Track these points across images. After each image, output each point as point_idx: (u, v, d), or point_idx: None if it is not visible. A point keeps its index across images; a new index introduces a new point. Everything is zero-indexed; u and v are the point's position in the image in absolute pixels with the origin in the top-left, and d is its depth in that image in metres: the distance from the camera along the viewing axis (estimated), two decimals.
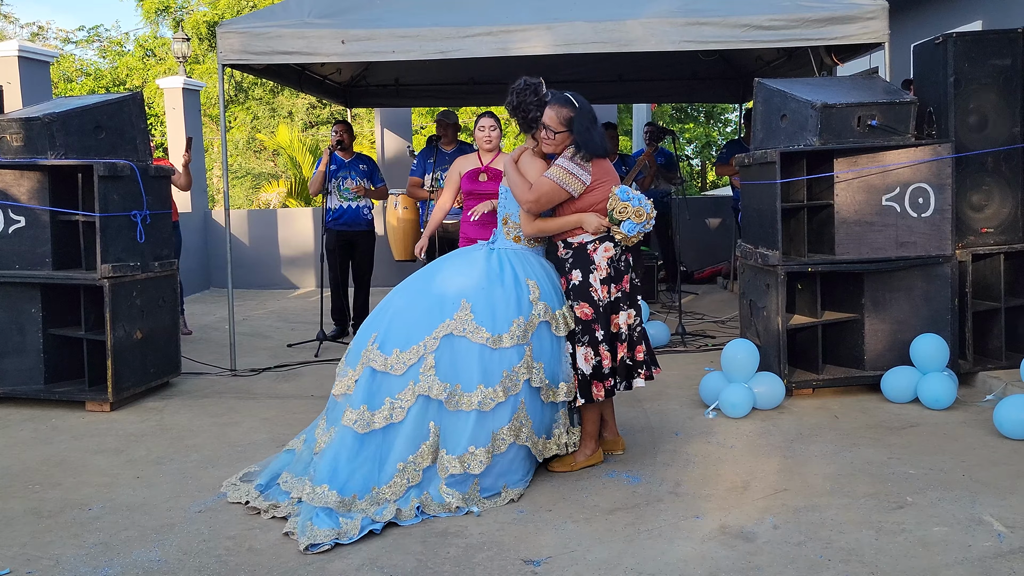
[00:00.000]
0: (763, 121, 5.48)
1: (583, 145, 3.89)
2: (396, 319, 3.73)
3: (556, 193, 3.88)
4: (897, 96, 5.17)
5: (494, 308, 3.71)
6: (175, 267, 5.78)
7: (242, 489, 3.77)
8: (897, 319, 5.17)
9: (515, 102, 4.07)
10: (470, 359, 3.64)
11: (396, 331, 3.69)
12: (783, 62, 7.91)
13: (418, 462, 3.57)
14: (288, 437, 4.59)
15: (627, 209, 3.83)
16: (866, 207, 5.09)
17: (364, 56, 6.01)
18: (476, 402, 3.60)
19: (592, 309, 3.90)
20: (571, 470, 3.98)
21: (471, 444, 3.59)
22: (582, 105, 3.93)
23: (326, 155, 7.23)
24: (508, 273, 3.85)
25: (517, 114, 4.08)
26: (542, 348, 3.80)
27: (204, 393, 5.64)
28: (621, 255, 4.00)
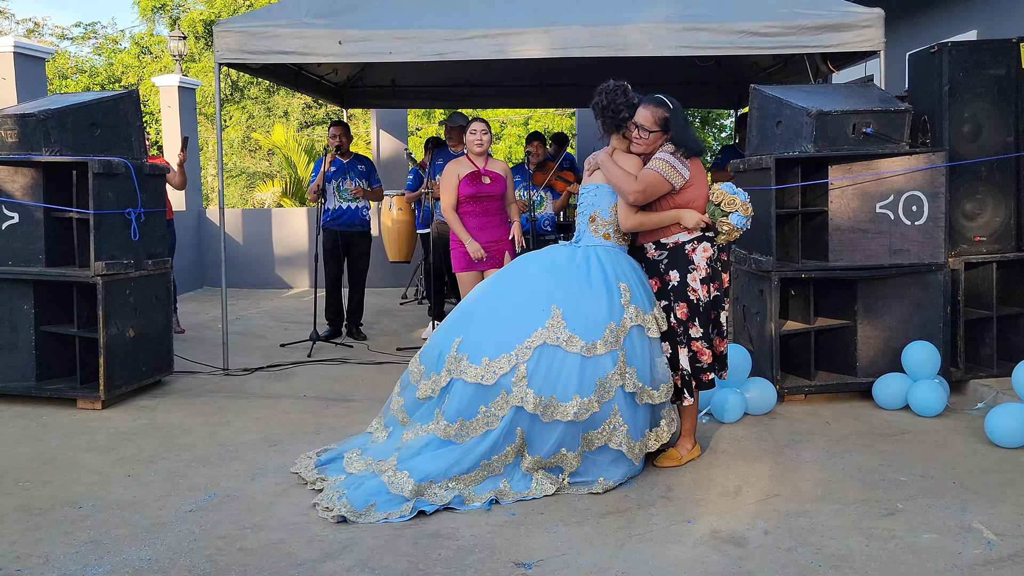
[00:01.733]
0: (758, 127, 5.49)
1: (681, 143, 3.97)
2: (482, 326, 3.75)
3: (660, 184, 3.94)
4: (892, 104, 5.19)
5: (586, 314, 3.71)
6: (169, 265, 5.76)
7: (302, 464, 3.97)
8: (890, 326, 5.18)
9: (605, 102, 4.08)
10: (565, 369, 3.66)
11: (484, 339, 3.71)
12: (779, 69, 7.93)
13: (501, 459, 3.66)
14: (281, 437, 4.59)
15: (735, 201, 3.90)
16: (860, 214, 5.11)
17: (361, 57, 6.01)
18: (572, 413, 3.63)
19: (690, 309, 3.98)
20: (678, 464, 4.06)
21: (561, 447, 3.68)
22: (675, 106, 4.04)
23: (327, 160, 7.25)
24: (597, 274, 3.85)
25: (607, 114, 4.09)
26: (634, 352, 3.80)
27: (196, 392, 5.63)
28: (717, 255, 4.09)
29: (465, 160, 5.87)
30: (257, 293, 10.78)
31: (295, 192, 16.39)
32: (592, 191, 4.11)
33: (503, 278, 3.98)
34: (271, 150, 20.92)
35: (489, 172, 5.80)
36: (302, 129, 22.11)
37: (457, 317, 3.91)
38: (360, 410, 5.15)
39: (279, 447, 4.44)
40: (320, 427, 4.80)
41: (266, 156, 23.26)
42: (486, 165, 5.82)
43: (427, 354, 3.90)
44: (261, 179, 21.28)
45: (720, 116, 23.13)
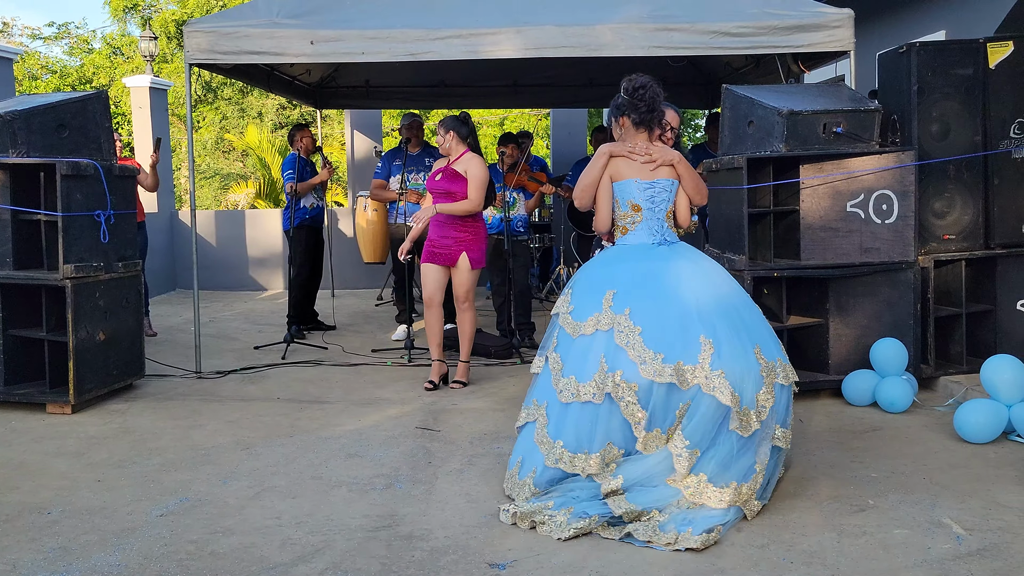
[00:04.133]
0: (730, 127, 5.52)
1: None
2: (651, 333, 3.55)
3: None
4: (862, 104, 5.23)
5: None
6: (139, 268, 5.71)
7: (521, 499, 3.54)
8: (861, 324, 5.23)
9: (651, 95, 4.04)
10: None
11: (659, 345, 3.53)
12: (751, 69, 7.98)
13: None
14: (253, 440, 4.56)
15: None
16: (831, 213, 5.15)
17: (333, 57, 5.98)
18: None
19: None
20: None
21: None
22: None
23: (325, 173, 7.51)
24: (736, 289, 3.77)
25: (654, 108, 4.05)
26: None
27: (168, 395, 5.58)
28: None
29: (443, 161, 5.89)
30: (231, 295, 10.70)
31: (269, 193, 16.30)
32: (668, 187, 3.99)
33: (653, 278, 3.73)
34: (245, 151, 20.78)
35: (448, 170, 5.79)
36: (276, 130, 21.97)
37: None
38: (335, 412, 5.13)
39: (252, 450, 4.41)
40: (294, 429, 4.77)
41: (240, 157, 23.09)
42: (453, 162, 5.81)
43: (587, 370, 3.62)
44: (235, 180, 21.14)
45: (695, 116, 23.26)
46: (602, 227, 4.05)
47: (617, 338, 3.51)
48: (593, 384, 3.50)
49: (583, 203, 4.03)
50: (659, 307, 3.57)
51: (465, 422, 4.89)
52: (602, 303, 3.61)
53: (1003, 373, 4.44)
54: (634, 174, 4.00)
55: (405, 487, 3.86)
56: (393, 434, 4.67)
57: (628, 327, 3.52)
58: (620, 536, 3.27)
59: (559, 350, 3.68)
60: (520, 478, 3.62)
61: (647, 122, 4.02)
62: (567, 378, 3.57)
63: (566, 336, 3.68)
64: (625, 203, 4.03)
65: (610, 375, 3.47)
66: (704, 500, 3.40)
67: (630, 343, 3.49)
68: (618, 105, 4.09)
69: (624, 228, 4.00)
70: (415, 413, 5.09)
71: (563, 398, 3.55)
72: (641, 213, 3.97)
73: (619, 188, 4.03)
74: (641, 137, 4.04)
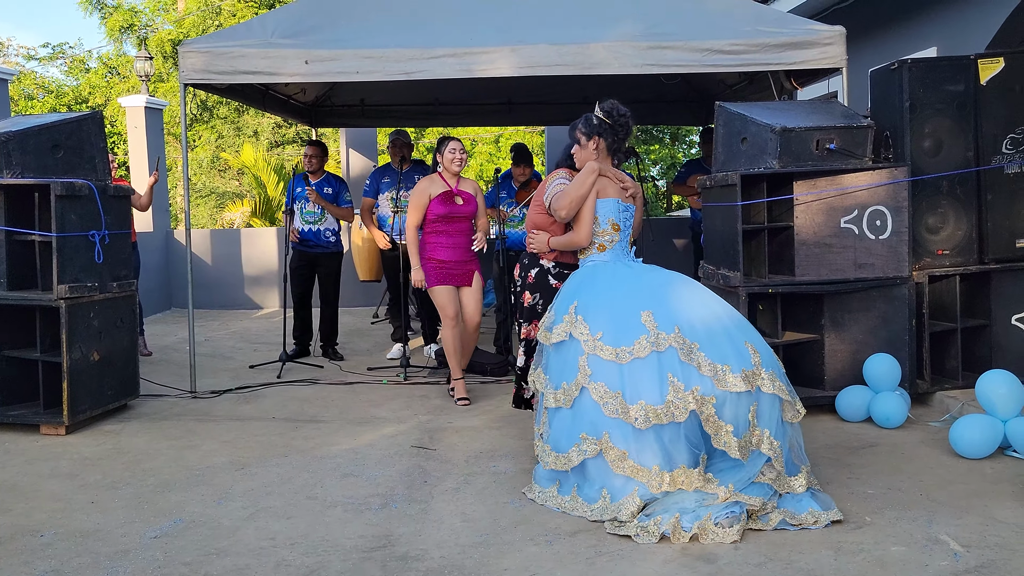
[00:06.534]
0: (724, 144, 5.54)
1: None
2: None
3: None
4: (855, 120, 5.25)
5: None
6: (134, 287, 5.70)
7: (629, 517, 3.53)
8: (856, 339, 5.23)
9: (630, 126, 4.31)
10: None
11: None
12: (744, 86, 8.01)
13: None
14: (248, 460, 4.53)
15: None
16: (825, 229, 5.16)
17: (328, 76, 5.99)
18: None
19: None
20: None
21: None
22: None
23: (314, 198, 7.28)
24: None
25: (627, 138, 4.32)
26: None
27: (163, 416, 5.56)
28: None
29: (438, 179, 5.87)
30: (226, 314, 10.68)
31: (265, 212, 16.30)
32: (632, 215, 4.33)
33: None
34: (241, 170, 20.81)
35: (462, 192, 5.81)
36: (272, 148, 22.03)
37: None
38: (330, 431, 5.11)
39: (246, 470, 4.38)
40: (289, 449, 4.75)
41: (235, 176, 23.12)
42: (458, 185, 5.83)
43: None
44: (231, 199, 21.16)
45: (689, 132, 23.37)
46: (583, 241, 4.24)
47: (682, 355, 3.61)
48: (671, 404, 3.55)
49: (568, 215, 4.19)
50: (702, 320, 3.72)
51: (461, 441, 4.87)
52: (645, 325, 3.67)
53: (998, 388, 4.44)
54: (616, 194, 4.26)
55: (401, 507, 3.84)
56: (389, 453, 4.65)
57: (686, 344, 3.63)
58: (775, 526, 3.45)
59: (599, 378, 3.67)
60: (616, 500, 3.59)
61: (620, 149, 4.25)
62: (635, 404, 3.58)
63: (604, 363, 3.68)
64: (606, 221, 4.14)
65: (688, 392, 3.55)
66: (788, 489, 3.62)
67: (694, 359, 3.61)
68: (596, 126, 4.24)
69: (602, 245, 4.17)
70: (411, 432, 5.08)
71: (639, 424, 3.56)
72: (619, 233, 4.18)
73: (602, 206, 4.17)
74: (609, 161, 4.23)
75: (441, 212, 5.76)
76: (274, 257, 11.09)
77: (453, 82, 6.43)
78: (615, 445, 3.60)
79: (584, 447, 3.68)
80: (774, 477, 3.61)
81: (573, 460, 3.71)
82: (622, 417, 3.58)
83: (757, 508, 3.48)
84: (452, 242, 5.77)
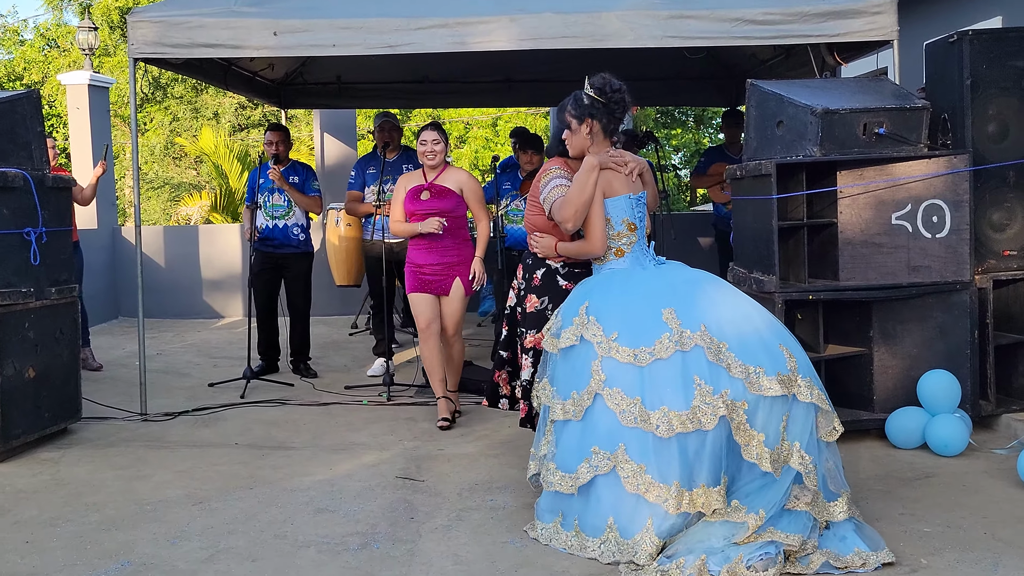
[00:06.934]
0: (757, 128, 5.55)
1: None
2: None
3: None
4: (908, 101, 5.26)
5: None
6: (76, 294, 5.70)
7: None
8: (910, 354, 5.23)
9: (626, 102, 4.24)
10: None
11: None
12: (780, 61, 8.03)
13: None
14: (207, 493, 4.53)
15: None
16: (873, 226, 5.16)
17: (300, 50, 6.00)
18: None
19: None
20: None
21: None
22: None
23: (276, 176, 7.24)
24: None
25: (623, 116, 4.27)
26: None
27: (108, 441, 5.55)
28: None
29: (419, 172, 5.89)
30: (182, 324, 10.68)
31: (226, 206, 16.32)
32: (644, 200, 4.28)
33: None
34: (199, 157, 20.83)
35: (435, 187, 5.81)
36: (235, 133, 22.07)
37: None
38: (302, 459, 5.11)
39: (205, 505, 4.38)
40: (255, 480, 4.75)
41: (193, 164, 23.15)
42: (437, 178, 5.83)
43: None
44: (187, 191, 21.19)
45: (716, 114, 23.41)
46: (599, 249, 4.15)
47: (709, 355, 3.63)
48: (698, 410, 3.56)
49: (576, 226, 4.11)
50: (731, 321, 3.74)
51: (453, 470, 4.87)
52: (667, 323, 3.69)
53: None
54: (625, 188, 4.17)
55: (383, 547, 3.84)
56: (370, 485, 4.64)
57: (714, 343, 3.65)
58: (817, 569, 3.46)
59: (615, 384, 3.68)
60: (628, 537, 3.59)
61: (619, 129, 4.20)
62: (657, 411, 3.58)
63: (620, 367, 3.69)
64: (620, 222, 4.11)
65: (717, 396, 3.56)
66: (827, 516, 3.63)
67: (723, 359, 3.62)
68: (588, 106, 4.19)
69: (620, 250, 4.11)
70: (395, 460, 5.07)
71: (662, 432, 3.56)
72: (636, 232, 4.14)
73: (612, 206, 4.12)
74: (607, 145, 4.17)
75: (409, 209, 5.80)
76: (237, 258, 11.09)
77: (444, 57, 6.42)
78: (631, 459, 3.60)
79: (595, 462, 3.67)
80: (810, 501, 3.61)
81: (582, 477, 3.70)
82: (641, 426, 3.59)
83: (795, 548, 3.48)
84: (427, 243, 5.78)
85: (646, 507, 3.57)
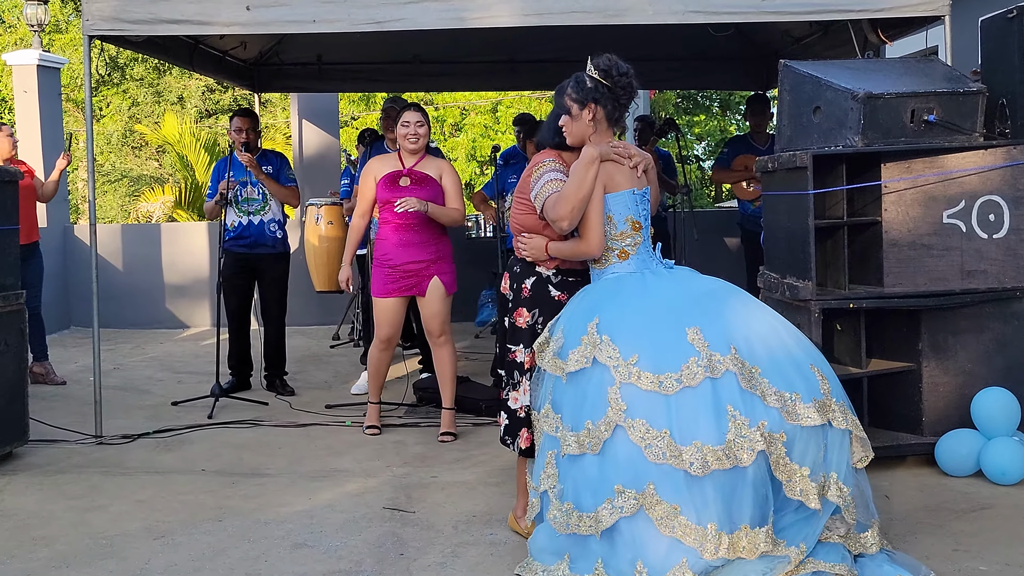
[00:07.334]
0: (791, 115, 5.55)
1: None
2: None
3: None
4: (961, 84, 5.25)
5: None
6: (22, 301, 5.70)
7: None
8: (964, 370, 5.22)
9: (634, 87, 4.22)
10: None
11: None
12: (817, 39, 8.03)
13: None
14: (171, 526, 4.53)
15: None
16: (922, 225, 5.16)
17: (276, 27, 6.02)
18: None
19: None
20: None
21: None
22: None
23: (248, 161, 7.19)
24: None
25: (629, 104, 4.26)
26: None
27: (59, 467, 5.55)
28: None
29: (393, 157, 5.91)
30: (143, 334, 10.69)
31: (192, 202, 16.35)
32: (648, 197, 4.28)
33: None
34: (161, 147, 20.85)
35: (415, 173, 5.82)
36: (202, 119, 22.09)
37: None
38: (277, 488, 5.11)
39: (168, 539, 4.38)
40: (224, 511, 4.75)
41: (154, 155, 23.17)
42: (416, 164, 5.84)
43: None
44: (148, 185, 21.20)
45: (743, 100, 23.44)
46: (595, 251, 4.12)
47: (743, 382, 3.61)
48: (733, 444, 3.53)
49: (572, 224, 4.08)
50: (761, 339, 3.75)
51: (448, 500, 4.87)
52: (693, 345, 3.67)
53: None
54: (629, 184, 4.14)
55: None
56: (354, 517, 4.64)
57: (746, 368, 3.65)
58: None
59: (637, 414, 3.63)
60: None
61: (624, 118, 4.21)
62: (689, 446, 3.55)
63: (643, 395, 3.65)
64: (623, 220, 4.10)
65: (754, 429, 3.55)
66: (860, 548, 3.72)
67: (756, 386, 3.62)
68: (592, 89, 4.18)
69: (623, 252, 4.09)
70: (382, 489, 5.07)
71: (696, 470, 3.52)
72: (641, 232, 4.12)
73: (615, 202, 4.10)
74: (609, 136, 4.20)
75: (385, 198, 5.80)
76: (204, 260, 11.10)
77: (438, 34, 6.42)
78: (663, 499, 3.56)
79: (619, 502, 3.61)
80: (844, 534, 3.62)
81: (604, 521, 3.63)
82: (672, 462, 3.55)
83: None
84: (401, 238, 5.81)
85: (680, 549, 3.54)
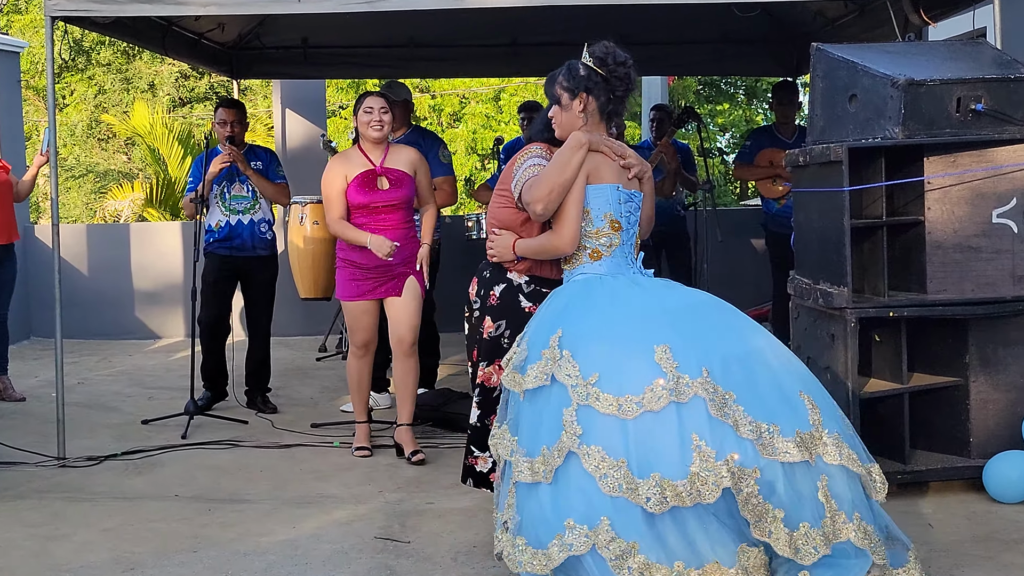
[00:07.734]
0: (824, 104, 5.55)
1: None
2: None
3: None
4: (1012, 70, 5.25)
5: None
6: None
7: None
8: (1016, 385, 5.21)
9: (631, 78, 4.23)
10: None
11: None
12: (852, 20, 8.03)
13: None
14: (141, 556, 4.54)
15: None
16: (970, 225, 5.16)
17: (255, 6, 6.05)
18: None
19: None
20: None
21: None
22: None
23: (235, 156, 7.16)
24: None
25: (626, 96, 4.29)
26: None
27: (18, 492, 5.56)
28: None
29: (356, 154, 5.90)
30: (110, 346, 10.70)
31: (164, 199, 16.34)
32: (640, 205, 4.30)
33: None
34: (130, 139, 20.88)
35: (389, 171, 5.82)
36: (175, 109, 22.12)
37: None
38: (258, 515, 5.11)
39: (138, 571, 4.38)
40: (199, 541, 4.75)
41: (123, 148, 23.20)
42: (385, 159, 5.85)
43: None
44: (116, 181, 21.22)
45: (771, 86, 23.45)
46: (567, 246, 4.14)
47: (712, 409, 3.56)
48: (697, 478, 3.49)
49: (547, 210, 4.08)
50: (739, 360, 3.70)
51: (445, 529, 4.87)
52: (660, 365, 3.63)
53: None
54: (615, 178, 4.15)
55: None
56: (342, 547, 4.64)
57: (719, 394, 3.59)
58: None
59: (593, 440, 3.59)
60: None
61: (618, 112, 4.22)
62: (646, 479, 3.52)
63: (601, 418, 3.62)
64: (601, 216, 4.10)
65: (721, 463, 3.51)
66: None
67: (729, 414, 3.56)
68: (585, 78, 4.19)
69: (596, 252, 4.09)
70: (374, 516, 5.08)
71: (653, 507, 3.49)
72: (620, 234, 4.12)
73: (594, 194, 4.11)
74: (602, 130, 4.21)
75: (361, 202, 5.80)
76: (178, 264, 11.10)
77: (435, 15, 6.46)
78: (618, 535, 3.52)
79: (569, 539, 3.55)
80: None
81: (554, 559, 3.58)
82: (628, 496, 3.51)
83: None
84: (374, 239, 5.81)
85: None
